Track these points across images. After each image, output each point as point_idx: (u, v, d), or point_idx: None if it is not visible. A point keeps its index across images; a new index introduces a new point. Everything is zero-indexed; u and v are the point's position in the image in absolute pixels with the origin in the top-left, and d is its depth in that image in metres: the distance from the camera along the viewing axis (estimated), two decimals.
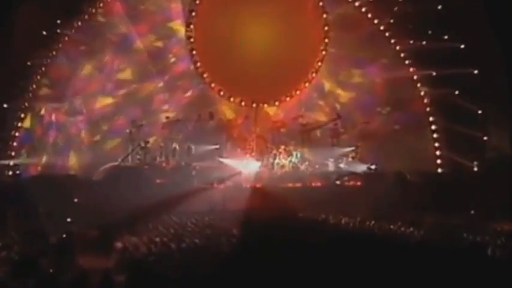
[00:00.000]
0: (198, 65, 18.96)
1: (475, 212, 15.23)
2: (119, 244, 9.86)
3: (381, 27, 18.93)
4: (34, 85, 18.24)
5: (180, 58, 19.20)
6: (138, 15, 18.73)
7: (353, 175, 17.44)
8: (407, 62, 18.89)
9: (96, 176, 16.79)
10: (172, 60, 19.19)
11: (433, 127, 18.74)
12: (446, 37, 18.05)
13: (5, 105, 17.63)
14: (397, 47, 18.93)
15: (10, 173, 17.83)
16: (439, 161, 18.59)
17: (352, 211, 14.09)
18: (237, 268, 6.69)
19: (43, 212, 13.38)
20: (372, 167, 17.60)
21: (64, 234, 10.24)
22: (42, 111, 18.43)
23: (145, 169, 17.15)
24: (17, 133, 18.11)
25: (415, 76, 18.93)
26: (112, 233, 10.55)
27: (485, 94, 17.58)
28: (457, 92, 18.03)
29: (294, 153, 17.99)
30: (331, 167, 17.95)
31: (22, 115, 18.18)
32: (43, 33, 17.81)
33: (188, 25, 18.92)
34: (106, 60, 18.66)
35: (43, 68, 18.29)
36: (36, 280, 6.81)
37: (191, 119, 18.40)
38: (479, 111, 18.04)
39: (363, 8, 18.98)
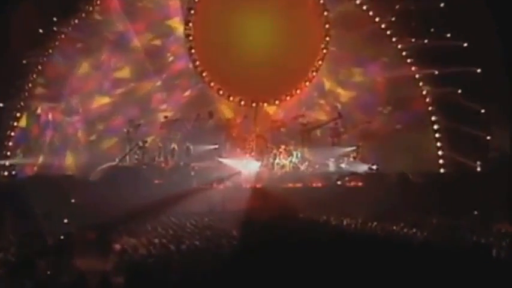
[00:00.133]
0: (197, 64, 18.87)
1: (479, 213, 15.07)
2: (118, 246, 9.77)
3: (383, 25, 18.87)
4: (30, 84, 18.15)
5: (179, 56, 19.10)
6: (136, 12, 18.62)
7: (354, 175, 17.42)
8: (409, 61, 18.84)
9: (93, 176, 16.67)
10: (170, 58, 19.08)
11: (435, 126, 18.67)
12: (448, 35, 18.02)
13: (1, 104, 17.52)
14: (399, 46, 18.86)
15: (6, 174, 17.69)
16: (442, 161, 18.53)
17: (353, 212, 13.99)
18: (238, 270, 6.66)
19: (40, 213, 13.23)
20: (373, 167, 17.60)
21: (62, 235, 10.24)
22: (38, 110, 18.33)
23: (143, 169, 17.14)
24: (13, 133, 18.01)
25: (417, 75, 18.88)
26: (110, 235, 10.49)
27: (487, 93, 17.52)
28: (460, 91, 17.93)
29: (294, 153, 17.95)
30: (331, 167, 17.92)
31: (18, 114, 18.06)
32: (39, 31, 17.70)
33: (187, 23, 18.83)
34: (103, 58, 18.54)
35: (39, 67, 18.18)
36: (33, 282, 6.79)
37: (190, 119, 18.31)
38: (482, 110, 17.96)
39: (364, 6, 18.91)
